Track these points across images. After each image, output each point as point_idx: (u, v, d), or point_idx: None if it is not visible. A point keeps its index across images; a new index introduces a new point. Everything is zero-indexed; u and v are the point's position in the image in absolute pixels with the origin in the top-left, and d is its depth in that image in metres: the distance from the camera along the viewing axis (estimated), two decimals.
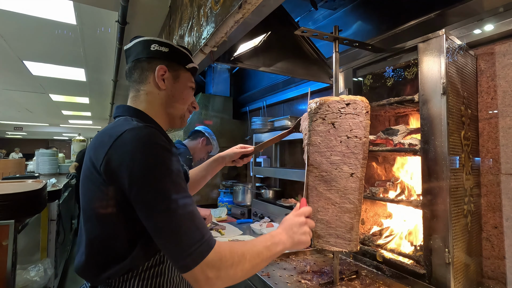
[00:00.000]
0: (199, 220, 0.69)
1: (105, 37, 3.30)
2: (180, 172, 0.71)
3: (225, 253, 0.69)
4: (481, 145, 1.29)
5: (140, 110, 0.85)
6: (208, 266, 0.65)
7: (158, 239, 0.67)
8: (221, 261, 0.67)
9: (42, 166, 4.78)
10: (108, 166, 0.69)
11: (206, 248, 0.66)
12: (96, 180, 0.71)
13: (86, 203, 0.76)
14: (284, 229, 0.85)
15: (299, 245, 0.85)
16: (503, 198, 1.22)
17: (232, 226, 2.44)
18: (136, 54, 0.86)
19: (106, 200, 0.70)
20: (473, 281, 1.17)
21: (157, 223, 0.66)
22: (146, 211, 0.67)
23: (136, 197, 0.67)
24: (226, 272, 0.68)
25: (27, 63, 4.24)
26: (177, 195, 0.67)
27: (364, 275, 1.24)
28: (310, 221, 0.90)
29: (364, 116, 1.08)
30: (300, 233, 0.85)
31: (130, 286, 0.73)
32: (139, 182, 0.66)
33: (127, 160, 0.67)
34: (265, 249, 0.76)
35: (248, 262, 0.72)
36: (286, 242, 0.81)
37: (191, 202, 0.70)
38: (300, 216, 0.89)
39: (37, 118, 10.59)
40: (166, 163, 0.69)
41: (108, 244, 0.72)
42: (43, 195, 1.72)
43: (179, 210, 0.66)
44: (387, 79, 1.51)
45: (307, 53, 2.00)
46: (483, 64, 1.30)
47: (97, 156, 0.71)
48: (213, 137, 2.43)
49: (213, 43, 1.30)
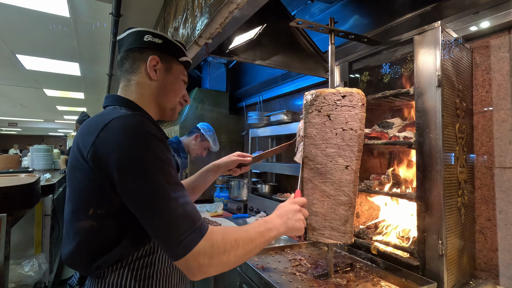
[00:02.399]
0: (190, 207, 0.68)
1: (99, 31, 3.26)
2: (170, 160, 0.70)
3: (217, 239, 0.68)
4: (476, 138, 1.30)
5: (129, 99, 0.84)
6: (200, 254, 0.65)
7: (148, 228, 0.66)
8: (213, 248, 0.67)
9: (37, 161, 4.73)
10: (95, 154, 0.68)
11: (198, 236, 0.65)
12: (83, 168, 0.70)
13: (72, 192, 0.74)
14: (278, 215, 0.85)
15: (293, 231, 0.85)
16: (496, 191, 1.23)
17: (228, 221, 2.44)
18: (128, 44, 0.86)
19: (93, 188, 0.69)
20: (466, 273, 1.18)
21: (147, 212, 0.65)
22: (135, 199, 0.66)
23: (124, 186, 0.66)
24: (219, 258, 0.67)
25: (20, 56, 4.17)
26: (167, 183, 0.66)
27: (358, 267, 1.24)
28: (304, 210, 0.91)
29: (360, 108, 1.08)
30: (294, 219, 0.85)
31: (120, 276, 0.72)
32: (127, 170, 0.65)
33: (115, 148, 0.66)
34: (258, 235, 0.76)
35: (241, 248, 0.71)
36: (279, 228, 0.81)
37: (181, 190, 0.69)
38: (295, 204, 0.90)
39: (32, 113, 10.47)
40: (155, 150, 0.68)
41: (95, 233, 0.70)
42: (36, 189, 1.70)
43: (168, 198, 0.65)
44: (384, 75, 1.51)
45: (304, 47, 1.99)
46: (478, 57, 1.30)
47: (85, 144, 0.70)
48: (208, 133, 2.38)
49: (208, 34, 1.28)
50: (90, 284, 0.75)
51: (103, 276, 0.72)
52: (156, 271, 0.76)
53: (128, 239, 0.71)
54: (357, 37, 1.30)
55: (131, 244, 0.71)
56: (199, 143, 2.37)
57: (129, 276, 0.72)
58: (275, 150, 1.31)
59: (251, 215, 2.68)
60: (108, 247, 0.70)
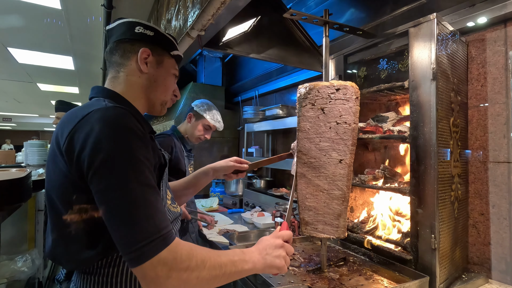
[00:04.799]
0: (158, 214, 0.63)
1: (92, 23, 3.20)
2: (147, 159, 0.66)
3: (182, 253, 0.63)
4: (470, 132, 1.29)
5: (115, 92, 0.81)
6: (159, 263, 0.59)
7: (110, 228, 0.62)
8: (175, 261, 0.61)
9: (31, 157, 4.68)
10: (69, 146, 0.65)
11: (161, 245, 0.60)
12: (58, 161, 0.67)
13: (49, 185, 0.72)
14: (258, 249, 0.79)
15: (272, 268, 0.77)
16: (490, 185, 1.22)
17: (223, 216, 2.43)
18: (118, 35, 0.82)
19: (68, 183, 0.66)
20: (459, 267, 1.18)
21: (110, 213, 0.61)
22: (100, 196, 0.62)
23: (92, 181, 0.62)
24: (179, 274, 0.61)
25: (11, 50, 4.09)
26: (136, 184, 0.62)
27: (352, 261, 1.24)
28: (289, 246, 0.83)
29: (354, 102, 1.06)
30: (273, 255, 0.78)
31: (105, 273, 0.70)
32: (97, 166, 0.61)
33: (88, 141, 0.63)
34: (230, 263, 0.69)
35: (207, 271, 0.65)
36: (256, 262, 0.75)
37: (152, 193, 0.64)
38: (278, 238, 0.82)
39: (26, 108, 10.34)
40: (131, 147, 0.64)
41: (73, 228, 0.68)
42: (27, 184, 1.68)
43: (135, 199, 0.60)
44: (382, 71, 1.49)
45: (299, 41, 1.96)
46: (474, 50, 1.29)
47: (62, 136, 0.68)
48: (202, 107, 1.98)
49: (200, 26, 1.25)
50: (77, 279, 0.73)
51: (90, 272, 0.71)
52: None
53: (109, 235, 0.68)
54: (352, 30, 1.29)
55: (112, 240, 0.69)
56: (196, 124, 1.98)
57: (115, 273, 0.70)
58: (272, 159, 1.30)
59: (247, 210, 2.67)
60: (89, 244, 0.68)
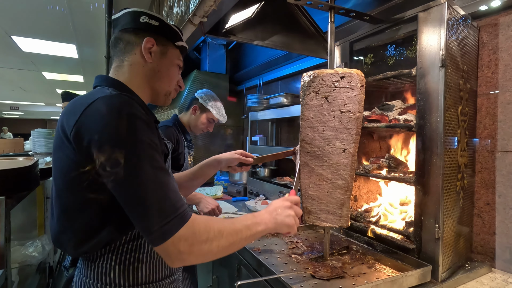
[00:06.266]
0: (173, 194, 0.66)
1: (94, 10, 3.16)
2: (155, 144, 0.68)
3: (200, 227, 0.67)
4: (479, 121, 1.26)
5: (119, 81, 0.81)
6: (180, 240, 0.63)
7: (130, 213, 0.65)
8: (195, 236, 0.65)
9: (39, 145, 4.76)
10: (77, 134, 0.66)
11: (179, 222, 0.64)
12: (66, 148, 0.68)
13: (56, 172, 0.73)
14: (268, 210, 0.83)
15: (283, 227, 0.82)
16: (497, 175, 1.21)
17: (228, 204, 2.46)
18: (123, 24, 0.83)
19: (76, 170, 0.68)
20: (462, 256, 1.18)
21: (126, 196, 0.64)
22: (115, 182, 0.64)
23: (105, 167, 0.64)
24: (200, 247, 0.66)
25: (15, 38, 4.09)
26: (150, 167, 0.64)
27: (354, 250, 1.25)
28: (297, 208, 0.87)
29: (359, 90, 1.04)
30: (284, 215, 0.83)
31: (108, 260, 0.72)
32: (108, 152, 0.63)
33: (97, 129, 0.64)
34: (244, 228, 0.74)
35: (225, 239, 0.69)
36: (268, 223, 0.79)
37: (165, 175, 0.67)
38: (286, 201, 0.87)
39: (33, 97, 10.42)
40: (139, 133, 0.65)
41: (79, 216, 0.70)
42: (34, 172, 1.71)
43: (149, 182, 0.63)
44: (389, 58, 1.45)
45: (304, 27, 1.91)
46: (485, 36, 1.24)
47: (68, 123, 0.69)
48: (208, 101, 1.95)
49: (202, 12, 1.22)
50: (81, 266, 0.75)
51: (93, 259, 0.72)
52: (145, 254, 0.76)
53: (115, 223, 0.70)
54: (358, 15, 1.24)
55: (118, 228, 0.71)
56: (200, 116, 1.96)
57: (118, 260, 0.72)
58: (277, 155, 1.31)
59: (251, 198, 2.69)
60: (94, 231, 0.69)
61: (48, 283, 2.37)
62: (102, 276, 0.72)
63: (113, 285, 0.72)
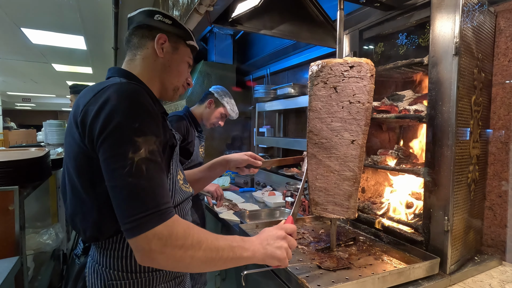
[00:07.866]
0: (160, 189, 0.65)
1: (102, 2, 3.15)
2: (156, 136, 0.68)
3: (178, 230, 0.64)
4: (493, 111, 1.22)
5: (132, 73, 0.84)
6: (154, 237, 0.61)
7: (112, 198, 0.64)
8: (171, 238, 0.62)
9: (51, 136, 4.87)
10: (84, 117, 0.67)
11: (158, 218, 0.62)
12: (74, 133, 0.70)
13: (67, 157, 0.75)
14: (259, 238, 0.78)
15: (272, 259, 0.75)
16: (510, 167, 1.17)
17: (235, 194, 2.47)
18: (138, 22, 0.87)
19: (83, 155, 0.69)
20: (472, 249, 1.16)
21: (112, 180, 0.63)
22: (105, 165, 0.64)
23: (100, 149, 0.64)
24: (173, 251, 0.62)
25: (25, 30, 4.13)
26: (141, 157, 0.63)
27: (361, 241, 1.25)
28: (292, 239, 0.81)
29: (369, 80, 1.01)
30: (275, 246, 0.76)
31: (121, 247, 0.73)
32: (106, 135, 0.63)
33: (101, 112, 0.65)
34: (228, 248, 0.69)
35: (203, 252, 0.65)
36: (256, 251, 0.73)
37: (157, 168, 0.66)
38: (281, 230, 0.81)
39: (44, 89, 10.58)
40: (141, 121, 0.65)
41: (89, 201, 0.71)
42: (46, 163, 1.74)
43: (138, 172, 0.62)
44: (400, 46, 1.41)
45: (313, 15, 1.87)
46: (503, 22, 1.19)
47: (78, 109, 0.70)
48: (224, 97, 2.03)
49: (208, 1, 1.21)
50: (94, 254, 0.77)
51: (106, 246, 0.74)
52: None
53: None
54: (369, 1, 1.20)
55: None
56: (214, 111, 2.02)
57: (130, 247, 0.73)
58: (287, 160, 1.34)
59: (258, 189, 2.71)
60: (104, 216, 0.70)
61: (62, 269, 2.46)
62: (115, 263, 0.74)
63: (126, 271, 0.74)
